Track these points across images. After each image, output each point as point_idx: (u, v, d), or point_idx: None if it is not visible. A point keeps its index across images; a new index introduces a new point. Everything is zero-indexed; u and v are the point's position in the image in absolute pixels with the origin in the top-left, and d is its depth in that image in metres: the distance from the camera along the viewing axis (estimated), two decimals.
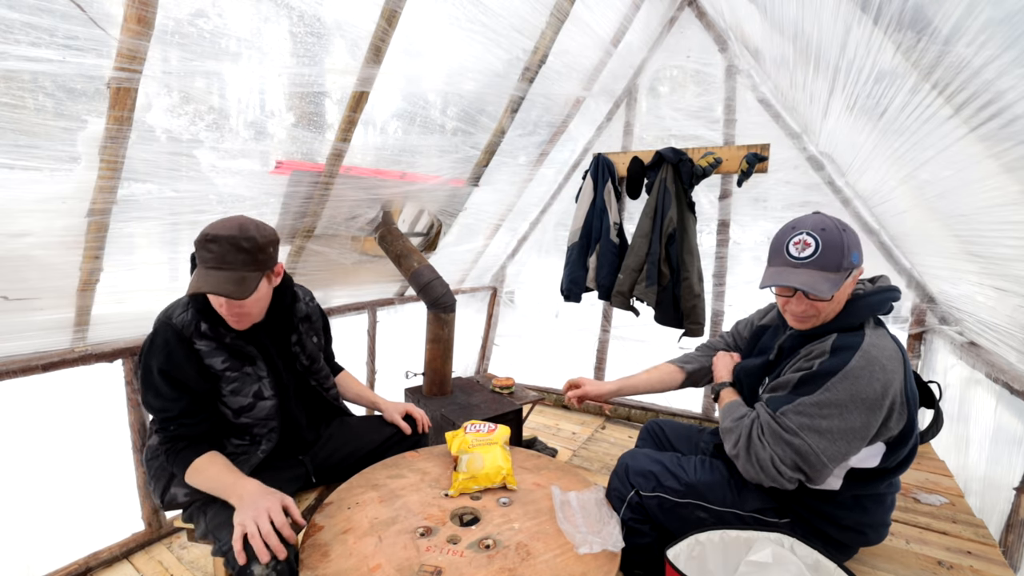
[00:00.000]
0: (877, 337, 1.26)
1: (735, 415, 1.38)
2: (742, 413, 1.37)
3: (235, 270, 1.31)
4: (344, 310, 2.88)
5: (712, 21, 3.13)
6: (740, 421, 1.34)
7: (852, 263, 1.26)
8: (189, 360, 1.37)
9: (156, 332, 1.38)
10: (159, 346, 1.36)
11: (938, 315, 2.67)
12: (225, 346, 1.42)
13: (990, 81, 1.07)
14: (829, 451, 1.19)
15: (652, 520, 1.44)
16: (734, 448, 1.32)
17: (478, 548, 1.25)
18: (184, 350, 1.37)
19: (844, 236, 1.27)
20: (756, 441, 1.26)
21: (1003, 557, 1.63)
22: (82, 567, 1.89)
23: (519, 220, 3.81)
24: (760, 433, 1.26)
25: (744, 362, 1.56)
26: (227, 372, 1.42)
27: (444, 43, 2.24)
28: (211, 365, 1.40)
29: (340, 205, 2.40)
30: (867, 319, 1.31)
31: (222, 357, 1.42)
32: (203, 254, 1.31)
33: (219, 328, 1.41)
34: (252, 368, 1.47)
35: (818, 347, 1.29)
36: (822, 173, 2.91)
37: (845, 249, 1.25)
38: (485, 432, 1.65)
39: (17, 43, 1.30)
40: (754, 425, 1.29)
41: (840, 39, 1.62)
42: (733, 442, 1.32)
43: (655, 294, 2.82)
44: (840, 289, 1.26)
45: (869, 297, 1.31)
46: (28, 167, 1.48)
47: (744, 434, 1.29)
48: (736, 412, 1.39)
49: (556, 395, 3.80)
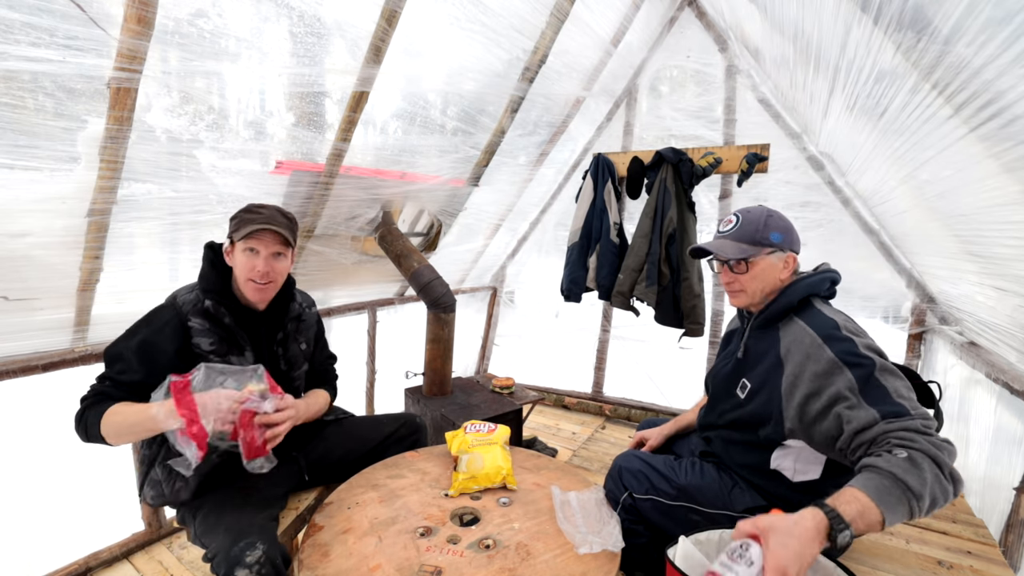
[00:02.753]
0: (833, 312, 1.33)
1: (902, 467, 0.97)
2: (903, 460, 0.98)
3: (282, 229, 1.46)
4: (344, 310, 2.88)
5: (712, 21, 3.13)
6: (916, 457, 0.98)
7: (771, 241, 1.37)
8: (175, 338, 1.39)
9: (157, 310, 1.42)
10: (155, 317, 1.40)
11: (938, 315, 2.67)
12: (221, 327, 1.44)
13: (990, 81, 1.07)
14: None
15: (646, 521, 1.45)
16: (946, 476, 0.98)
17: (478, 548, 1.26)
18: (175, 328, 1.39)
19: (766, 219, 1.39)
20: (940, 442, 1.01)
21: (1003, 557, 1.63)
22: (82, 567, 1.89)
23: (519, 220, 3.81)
24: (930, 436, 1.02)
25: (716, 368, 1.58)
26: (211, 355, 1.42)
27: (444, 43, 2.24)
28: (198, 344, 1.41)
29: (340, 205, 2.40)
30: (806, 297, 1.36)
31: (211, 339, 1.43)
32: (250, 216, 1.44)
33: (221, 307, 1.45)
34: (238, 359, 1.47)
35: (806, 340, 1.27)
36: (822, 173, 2.91)
37: (762, 227, 1.38)
38: (485, 432, 1.65)
39: (17, 43, 1.30)
40: (925, 438, 1.01)
41: (840, 39, 1.62)
42: (944, 472, 0.98)
43: (655, 294, 2.82)
44: (757, 264, 1.37)
45: (805, 279, 1.38)
46: (28, 167, 1.49)
47: (937, 453, 0.99)
48: (898, 464, 0.97)
49: (556, 395, 3.81)
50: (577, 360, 3.79)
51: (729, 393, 1.46)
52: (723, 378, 1.50)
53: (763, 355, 1.38)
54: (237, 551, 1.16)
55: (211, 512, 1.34)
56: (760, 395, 1.36)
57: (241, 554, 1.16)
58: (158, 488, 1.42)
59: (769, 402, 1.33)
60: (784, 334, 1.35)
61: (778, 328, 1.37)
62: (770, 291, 1.40)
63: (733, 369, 1.47)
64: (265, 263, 1.44)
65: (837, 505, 0.95)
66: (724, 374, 1.51)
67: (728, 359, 1.53)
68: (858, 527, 0.93)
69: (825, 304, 1.38)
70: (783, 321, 1.37)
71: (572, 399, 3.75)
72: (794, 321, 1.34)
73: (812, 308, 1.35)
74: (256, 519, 1.31)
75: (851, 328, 1.27)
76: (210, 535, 1.28)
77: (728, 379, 1.48)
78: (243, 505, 1.37)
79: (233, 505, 1.36)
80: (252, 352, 1.50)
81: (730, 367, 1.49)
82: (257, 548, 1.17)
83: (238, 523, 1.27)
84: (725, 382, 1.49)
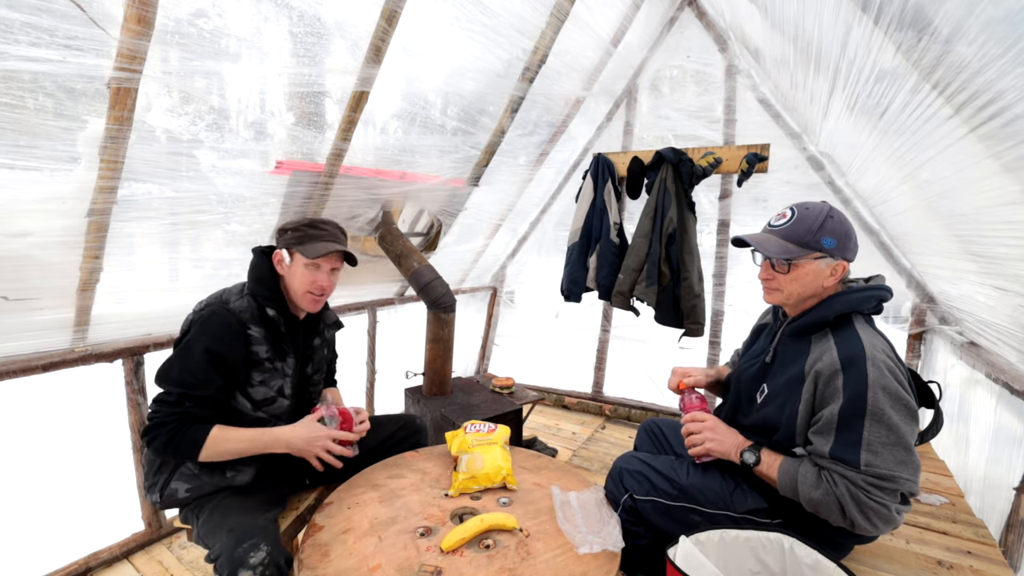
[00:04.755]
0: (871, 337, 1.26)
1: (810, 481, 1.23)
2: (815, 477, 1.22)
3: (345, 246, 1.56)
4: (344, 310, 2.88)
5: (712, 21, 3.13)
6: (825, 488, 1.20)
7: (821, 245, 1.28)
8: (238, 344, 1.42)
9: (214, 313, 1.42)
10: (215, 325, 1.40)
11: (938, 315, 2.67)
12: (276, 335, 1.49)
13: (990, 81, 1.07)
14: (917, 470, 1.18)
15: (647, 522, 1.45)
16: (845, 519, 1.19)
17: (478, 548, 1.25)
18: (237, 334, 1.42)
19: (823, 220, 1.28)
20: (871, 503, 1.16)
21: (1003, 557, 1.63)
22: (82, 567, 1.89)
23: (519, 220, 3.81)
24: (868, 494, 1.16)
25: (741, 368, 1.55)
26: (265, 362, 1.48)
27: (444, 43, 2.24)
28: (256, 352, 1.46)
29: (340, 205, 2.40)
30: (847, 314, 1.30)
31: (266, 347, 1.48)
32: (314, 232, 1.52)
33: (281, 317, 1.50)
34: (282, 364, 1.52)
35: (826, 362, 1.25)
36: (822, 173, 2.91)
37: (816, 229, 1.28)
38: (485, 432, 1.65)
39: (17, 43, 1.30)
40: (853, 489, 1.17)
41: (840, 39, 1.62)
42: (839, 513, 1.19)
43: (655, 294, 2.82)
44: (801, 267, 1.30)
45: (850, 294, 1.31)
46: (28, 167, 1.48)
47: (849, 502, 1.17)
48: (808, 478, 1.23)
49: (556, 395, 3.81)
50: (577, 360, 3.80)
51: (750, 398, 1.45)
52: (747, 381, 1.49)
53: (789, 364, 1.35)
54: (241, 552, 1.16)
55: (214, 513, 1.34)
56: (775, 402, 1.35)
57: (245, 555, 1.16)
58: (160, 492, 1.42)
59: (782, 411, 1.32)
60: (815, 348, 1.30)
61: (810, 340, 1.33)
62: (809, 296, 1.33)
63: (757, 373, 1.46)
64: (327, 278, 1.54)
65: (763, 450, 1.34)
66: (748, 376, 1.49)
67: (754, 361, 1.50)
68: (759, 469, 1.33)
69: (866, 323, 1.31)
70: (817, 334, 1.33)
71: (572, 399, 3.75)
72: (827, 336, 1.29)
73: (849, 327, 1.28)
74: (259, 520, 1.31)
75: (878, 360, 1.19)
76: (213, 536, 1.28)
77: (751, 383, 1.47)
78: (246, 506, 1.38)
79: (236, 506, 1.37)
80: (293, 359, 1.56)
81: (755, 370, 1.47)
82: (261, 550, 1.17)
83: (241, 524, 1.27)
84: (748, 386, 1.48)
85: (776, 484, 1.30)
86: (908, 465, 1.16)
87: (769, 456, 1.33)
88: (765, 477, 1.33)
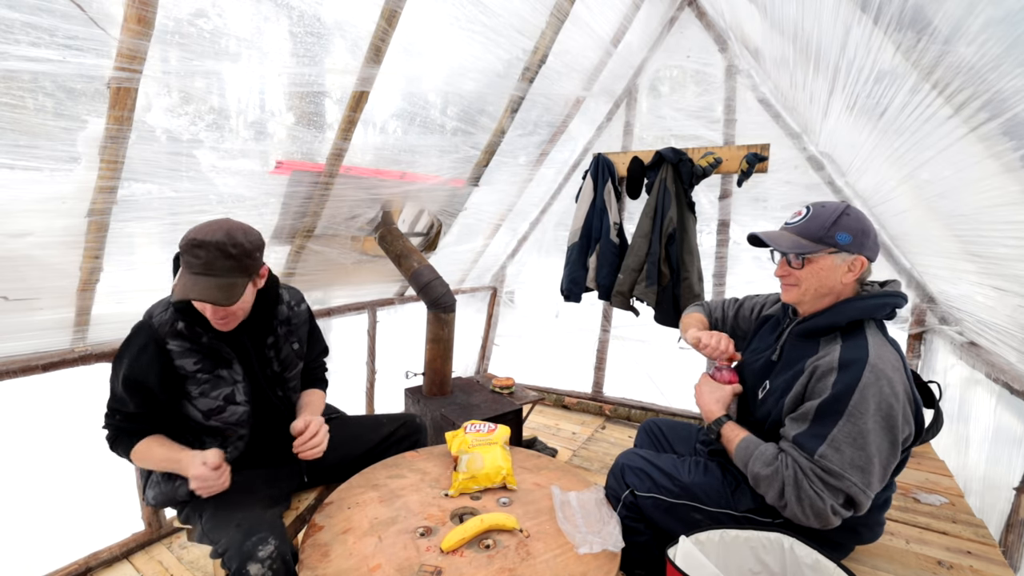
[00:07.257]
0: (879, 347, 1.25)
1: (764, 459, 1.27)
2: (771, 456, 1.26)
3: (222, 276, 1.28)
4: (344, 310, 2.88)
5: (712, 21, 3.13)
6: (775, 468, 1.24)
7: (836, 241, 1.28)
8: (156, 365, 1.34)
9: (135, 333, 1.38)
10: (132, 348, 1.36)
11: (938, 315, 2.67)
12: (200, 346, 1.39)
13: (990, 81, 1.07)
14: (873, 483, 1.18)
15: (647, 519, 1.45)
16: (780, 499, 1.23)
17: (478, 548, 1.25)
18: (153, 354, 1.34)
19: (839, 216, 1.29)
20: (810, 491, 1.19)
21: (1003, 557, 1.63)
22: (82, 567, 1.89)
23: (519, 220, 3.81)
24: (810, 482, 1.19)
25: (746, 361, 1.55)
26: (198, 374, 1.39)
27: (444, 43, 2.24)
28: (181, 366, 1.37)
29: (340, 205, 2.40)
30: (858, 320, 1.29)
31: (195, 359, 1.38)
32: (189, 259, 1.28)
33: (196, 328, 1.38)
34: (227, 371, 1.43)
35: (825, 360, 1.26)
36: (822, 173, 2.91)
37: (830, 225, 1.29)
38: (485, 432, 1.65)
39: (17, 43, 1.30)
40: (799, 473, 1.20)
41: (840, 39, 1.62)
42: (778, 492, 1.23)
43: (655, 294, 2.82)
44: (815, 262, 1.30)
45: (864, 300, 1.30)
46: (28, 167, 1.48)
47: (790, 484, 1.21)
48: (764, 455, 1.27)
49: (556, 395, 3.81)
50: (577, 360, 3.79)
51: (753, 393, 1.46)
52: (751, 376, 1.49)
53: (794, 363, 1.35)
54: (250, 545, 1.17)
55: (220, 509, 1.34)
56: (772, 397, 1.36)
57: (254, 548, 1.16)
58: (157, 488, 1.44)
59: (777, 404, 1.33)
60: (822, 348, 1.31)
61: (819, 342, 1.33)
62: (826, 292, 1.33)
63: (761, 370, 1.46)
64: (213, 311, 1.34)
65: (733, 424, 1.42)
66: (752, 372, 1.49)
67: (759, 356, 1.50)
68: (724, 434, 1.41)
69: (877, 329, 1.30)
70: (826, 337, 1.33)
71: (572, 399, 3.75)
72: (836, 340, 1.29)
73: (860, 333, 1.27)
74: (266, 515, 1.32)
75: (878, 368, 1.19)
76: (220, 531, 1.28)
77: (755, 378, 1.47)
78: (251, 502, 1.38)
79: (241, 502, 1.37)
80: (240, 363, 1.45)
81: (759, 366, 1.47)
82: (269, 543, 1.18)
83: (249, 519, 1.27)
84: (752, 381, 1.48)
85: (732, 454, 1.37)
86: (863, 472, 1.17)
87: (734, 431, 1.39)
88: (726, 445, 1.40)
